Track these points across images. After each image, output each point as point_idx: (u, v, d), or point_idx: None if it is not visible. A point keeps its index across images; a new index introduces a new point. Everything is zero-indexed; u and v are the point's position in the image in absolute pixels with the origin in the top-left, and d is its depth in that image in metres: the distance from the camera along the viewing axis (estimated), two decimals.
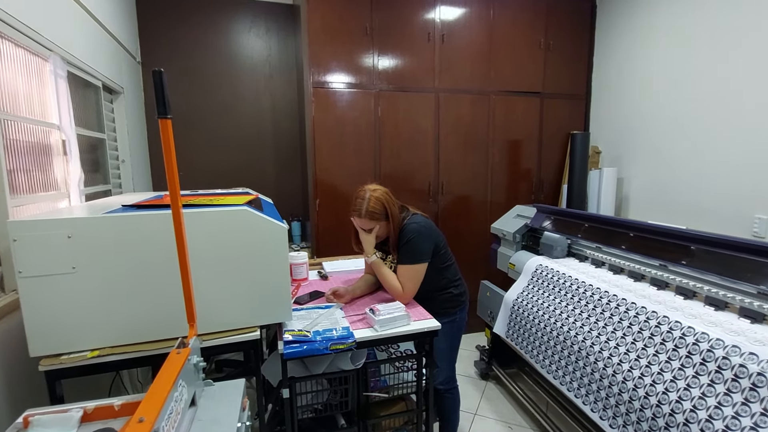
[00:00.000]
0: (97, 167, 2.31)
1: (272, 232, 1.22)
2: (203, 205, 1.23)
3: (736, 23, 2.22)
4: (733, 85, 2.25)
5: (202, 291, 1.15)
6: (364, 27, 2.76)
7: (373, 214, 1.55)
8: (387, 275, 1.59)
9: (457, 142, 3.05)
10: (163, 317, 1.16)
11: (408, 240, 1.57)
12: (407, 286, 1.57)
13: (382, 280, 1.62)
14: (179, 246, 0.95)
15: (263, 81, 3.23)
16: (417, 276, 1.57)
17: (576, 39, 3.25)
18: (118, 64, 2.52)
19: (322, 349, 1.18)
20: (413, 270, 1.57)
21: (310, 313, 1.42)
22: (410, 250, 1.57)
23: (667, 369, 1.31)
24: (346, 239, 2.88)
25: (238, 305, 1.21)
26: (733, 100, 2.24)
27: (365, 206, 1.55)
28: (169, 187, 0.91)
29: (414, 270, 1.57)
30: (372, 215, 1.55)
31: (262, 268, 1.22)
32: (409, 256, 1.57)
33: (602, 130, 3.22)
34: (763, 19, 2.09)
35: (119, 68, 2.52)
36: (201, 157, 3.15)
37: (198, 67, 3.09)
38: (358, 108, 2.82)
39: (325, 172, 2.80)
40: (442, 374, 1.72)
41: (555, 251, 2.16)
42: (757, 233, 2.08)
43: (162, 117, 0.84)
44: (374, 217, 1.55)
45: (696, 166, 2.47)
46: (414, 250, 1.57)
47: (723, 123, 2.31)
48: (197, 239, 1.15)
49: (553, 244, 2.18)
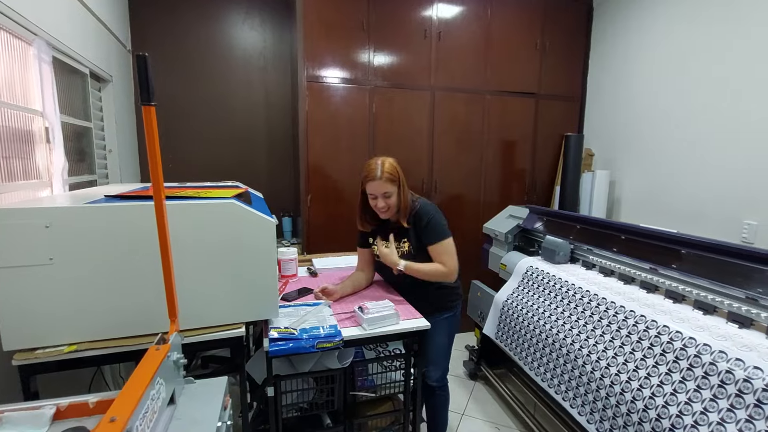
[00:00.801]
0: (83, 156, 2.25)
1: (260, 226, 1.19)
2: (189, 198, 1.20)
3: (731, 28, 2.23)
4: (727, 90, 2.26)
5: (185, 285, 1.11)
6: (361, 22, 2.73)
7: (391, 177, 1.51)
8: (423, 267, 1.55)
9: (451, 140, 3.03)
10: (145, 311, 1.12)
11: (429, 220, 1.56)
12: (449, 262, 1.56)
13: (423, 275, 1.56)
14: (161, 239, 0.92)
15: (257, 74, 3.19)
16: (452, 250, 1.58)
17: (572, 41, 3.24)
18: (107, 51, 2.46)
19: (308, 348, 1.15)
20: (447, 245, 1.56)
21: (298, 310, 1.40)
22: (435, 227, 1.56)
23: (654, 373, 1.31)
24: (338, 236, 2.88)
25: (222, 301, 1.18)
26: (727, 105, 2.25)
27: (381, 169, 1.50)
28: (151, 178, 0.88)
29: (448, 244, 1.57)
30: (389, 178, 1.50)
31: (249, 263, 1.19)
32: (437, 234, 1.56)
33: (596, 133, 3.23)
34: (757, 25, 2.10)
35: (108, 56, 2.46)
36: (191, 149, 3.10)
37: (190, 57, 3.03)
38: (353, 104, 2.79)
39: (317, 167, 2.76)
40: (438, 371, 1.70)
41: (557, 256, 2.04)
42: (747, 238, 2.09)
43: (145, 104, 0.81)
44: (391, 180, 1.51)
45: (688, 171, 2.48)
46: (439, 226, 1.57)
47: (716, 128, 2.32)
48: (182, 232, 1.11)
49: (555, 248, 2.05)
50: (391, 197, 1.52)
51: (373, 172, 1.51)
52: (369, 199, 1.55)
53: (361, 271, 1.76)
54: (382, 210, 1.54)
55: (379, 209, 1.54)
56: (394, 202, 1.54)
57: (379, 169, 1.51)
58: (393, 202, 1.53)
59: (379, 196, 1.51)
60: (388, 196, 1.52)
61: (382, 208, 1.54)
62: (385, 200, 1.52)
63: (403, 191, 1.55)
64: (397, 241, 1.62)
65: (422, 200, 1.64)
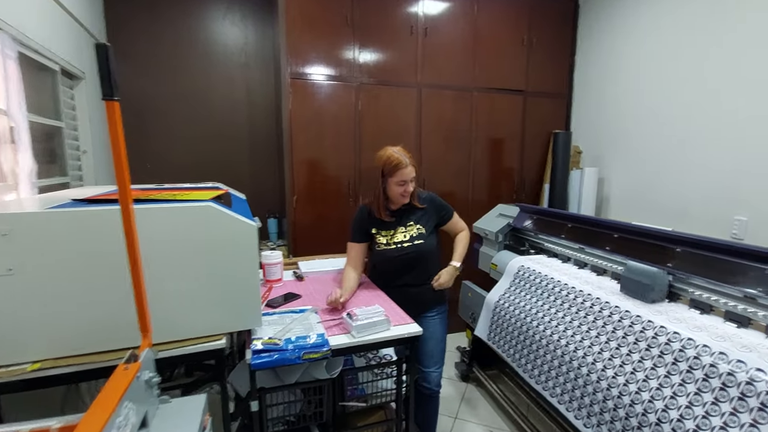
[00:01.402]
0: (54, 158, 2.14)
1: (240, 230, 1.11)
2: (164, 201, 1.12)
3: (718, 25, 2.22)
4: (714, 87, 2.25)
5: (160, 296, 1.04)
6: (345, 17, 2.66)
7: (413, 162, 1.65)
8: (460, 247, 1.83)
9: (439, 138, 2.98)
10: (117, 325, 1.04)
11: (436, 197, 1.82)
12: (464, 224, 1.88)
13: (465, 250, 1.83)
14: (129, 247, 0.84)
15: (239, 71, 3.09)
16: None
17: (558, 37, 3.23)
18: (80, 47, 2.34)
19: (293, 359, 1.09)
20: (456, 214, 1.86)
21: (283, 317, 1.32)
22: (446, 205, 1.84)
23: (652, 376, 1.28)
24: (325, 237, 2.80)
25: (201, 311, 1.11)
26: (714, 101, 2.25)
27: (405, 156, 1.63)
28: (117, 179, 0.80)
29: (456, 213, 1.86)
30: (413, 163, 1.65)
31: (229, 270, 1.12)
32: (449, 208, 1.84)
33: (583, 130, 3.22)
34: (743, 22, 2.09)
35: (80, 52, 2.34)
36: (171, 149, 2.99)
37: (169, 53, 2.92)
38: (338, 101, 2.72)
39: (302, 166, 2.69)
40: (439, 370, 1.73)
41: (652, 292, 1.44)
42: (736, 234, 2.09)
43: (108, 99, 0.73)
44: (413, 165, 1.65)
45: (676, 168, 2.48)
46: (447, 204, 1.84)
47: (704, 124, 2.31)
48: (156, 238, 1.03)
49: (649, 281, 1.44)
50: (413, 181, 1.66)
51: (401, 160, 1.62)
52: (395, 186, 1.64)
53: (355, 270, 1.72)
54: (408, 194, 1.67)
55: (408, 193, 1.66)
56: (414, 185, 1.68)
57: (405, 156, 1.63)
58: (414, 186, 1.68)
59: (409, 181, 1.63)
60: (413, 180, 1.66)
61: (409, 192, 1.67)
62: (412, 184, 1.65)
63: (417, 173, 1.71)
64: (404, 226, 1.73)
65: None
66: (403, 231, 1.72)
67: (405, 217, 1.74)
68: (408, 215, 1.74)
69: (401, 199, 1.68)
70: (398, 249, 1.70)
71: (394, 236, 1.71)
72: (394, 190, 1.65)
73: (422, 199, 1.77)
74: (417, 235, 1.71)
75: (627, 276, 1.54)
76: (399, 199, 1.69)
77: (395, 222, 1.73)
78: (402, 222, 1.73)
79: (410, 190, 1.66)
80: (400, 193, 1.65)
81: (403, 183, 1.63)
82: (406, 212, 1.75)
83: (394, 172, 1.62)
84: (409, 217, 1.74)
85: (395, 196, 1.67)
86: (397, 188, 1.64)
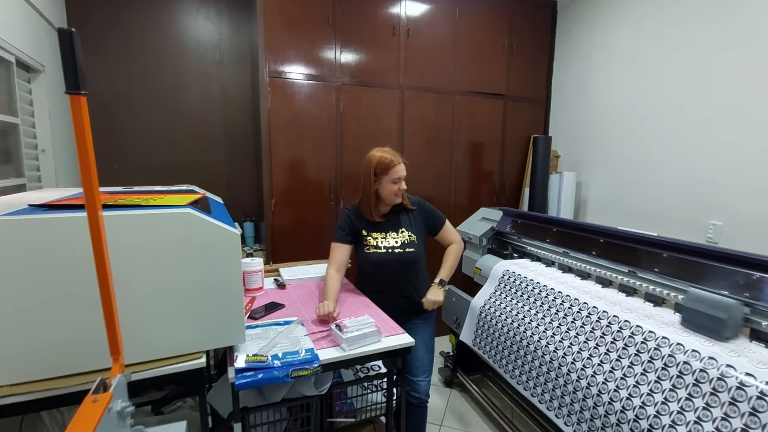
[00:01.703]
0: (9, 157, 1.96)
1: (222, 238, 1.03)
2: (137, 206, 1.02)
3: (693, 30, 2.29)
4: (689, 93, 2.32)
5: (133, 311, 0.94)
6: (326, 16, 2.58)
7: (404, 160, 1.67)
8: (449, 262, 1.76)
9: (421, 141, 2.95)
10: (84, 345, 0.93)
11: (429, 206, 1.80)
12: (457, 236, 1.83)
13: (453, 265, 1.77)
14: (97, 258, 0.75)
15: (213, 68, 2.95)
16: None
17: (537, 43, 3.27)
18: (38, 37, 2.16)
19: (281, 378, 1.01)
20: (449, 222, 1.82)
21: (267, 330, 1.24)
22: (437, 211, 1.81)
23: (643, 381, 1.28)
24: (304, 241, 2.71)
25: (179, 327, 1.01)
26: (690, 107, 2.32)
27: (397, 155, 1.66)
28: (83, 182, 0.71)
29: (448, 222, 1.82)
30: (404, 161, 1.67)
31: (210, 282, 1.03)
32: (441, 215, 1.81)
33: (561, 135, 3.27)
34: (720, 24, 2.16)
35: (39, 43, 2.17)
36: (140, 149, 2.82)
37: (137, 47, 2.75)
38: (318, 101, 2.64)
39: (281, 168, 2.59)
40: (427, 378, 1.68)
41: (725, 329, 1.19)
42: (711, 239, 2.15)
43: (72, 92, 0.64)
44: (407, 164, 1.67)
45: (652, 172, 2.54)
46: (438, 210, 1.82)
47: (679, 130, 2.38)
48: (128, 248, 0.94)
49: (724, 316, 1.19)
50: (404, 180, 1.67)
51: (394, 158, 1.64)
52: (390, 185, 1.64)
53: (338, 273, 1.65)
54: (401, 192, 1.67)
55: (401, 191, 1.67)
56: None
57: (397, 155, 1.66)
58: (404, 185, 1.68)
59: (402, 178, 1.65)
60: (405, 178, 1.66)
61: (402, 190, 1.67)
62: (404, 183, 1.66)
63: None
64: (395, 231, 1.71)
65: None
66: (394, 236, 1.70)
67: (397, 221, 1.73)
68: (399, 219, 1.73)
69: (394, 198, 1.67)
70: (388, 253, 1.66)
71: (385, 240, 1.68)
72: (388, 188, 1.64)
73: (412, 202, 1.76)
74: (408, 242, 1.69)
75: (693, 308, 1.25)
76: (392, 199, 1.67)
77: (387, 225, 1.71)
78: (394, 227, 1.72)
79: (403, 188, 1.66)
80: (394, 192, 1.64)
81: (397, 180, 1.63)
82: (397, 216, 1.74)
83: (389, 170, 1.62)
84: (401, 222, 1.73)
85: (389, 195, 1.66)
86: (391, 186, 1.64)
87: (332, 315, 1.37)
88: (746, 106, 2.04)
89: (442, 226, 1.79)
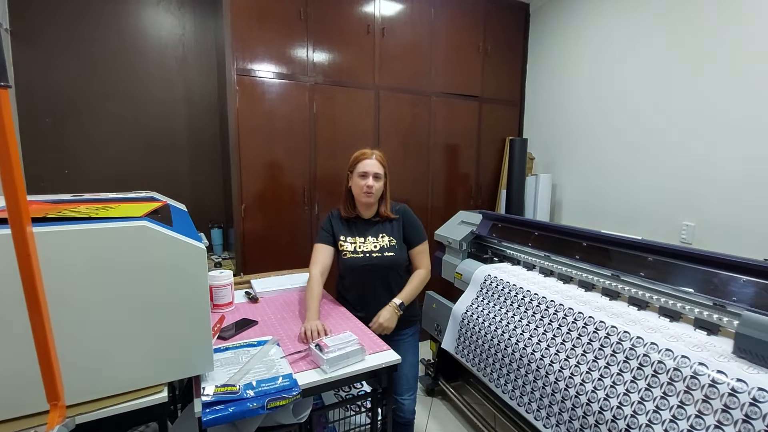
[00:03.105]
0: None
1: (185, 254, 0.90)
2: (83, 219, 0.88)
3: (665, 32, 2.33)
4: (660, 95, 2.36)
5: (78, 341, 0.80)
6: (298, 11, 2.46)
7: (381, 161, 1.58)
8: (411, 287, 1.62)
9: (397, 143, 2.88)
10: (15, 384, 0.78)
11: (415, 219, 1.68)
12: (426, 262, 1.69)
13: (415, 291, 1.64)
14: (27, 284, 0.62)
15: (175, 65, 2.76)
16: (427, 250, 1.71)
17: (511, 45, 3.27)
18: None
19: (256, 410, 0.89)
20: (426, 245, 1.69)
21: (238, 353, 1.12)
22: (420, 227, 1.69)
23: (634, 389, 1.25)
24: (277, 249, 2.57)
25: (134, 357, 0.88)
26: (661, 109, 2.36)
27: (373, 152, 1.58)
28: (4, 191, 0.58)
29: (426, 245, 1.69)
30: (380, 161, 1.58)
31: (171, 304, 0.90)
32: (422, 234, 1.69)
33: (536, 137, 3.28)
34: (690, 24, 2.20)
35: None
36: (95, 153, 2.58)
37: (89, 42, 2.53)
38: (291, 101, 2.51)
39: (251, 172, 2.44)
40: (412, 396, 1.61)
41: None
42: (685, 239, 2.19)
43: None
44: (381, 164, 1.58)
45: (625, 174, 2.58)
46: (422, 227, 1.70)
47: (651, 131, 2.42)
48: (69, 269, 0.80)
49: None
50: (379, 181, 1.56)
51: (366, 153, 1.58)
52: (357, 179, 1.55)
53: (321, 276, 1.56)
54: (370, 190, 1.54)
55: (369, 188, 1.54)
56: (380, 187, 1.58)
57: (372, 152, 1.59)
58: (380, 186, 1.58)
59: (370, 174, 1.54)
60: (377, 178, 1.56)
61: (370, 188, 1.54)
62: (375, 180, 1.55)
63: (388, 182, 1.62)
64: (375, 237, 1.62)
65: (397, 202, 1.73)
66: (373, 241, 1.62)
67: (379, 227, 1.65)
68: (382, 226, 1.66)
69: (364, 198, 1.56)
70: (365, 258, 1.57)
71: (363, 244, 1.59)
72: (356, 185, 1.55)
73: (395, 210, 1.67)
74: (388, 247, 1.61)
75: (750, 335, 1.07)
76: (362, 197, 1.56)
77: (367, 230, 1.64)
78: (375, 232, 1.64)
79: (373, 186, 1.54)
80: (362, 189, 1.54)
81: (364, 175, 1.54)
82: (380, 223, 1.66)
83: (356, 164, 1.56)
84: (383, 228, 1.65)
85: (358, 194, 1.56)
86: (359, 181, 1.54)
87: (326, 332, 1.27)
88: (717, 109, 2.09)
89: (419, 244, 1.68)
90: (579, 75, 2.89)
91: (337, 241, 1.61)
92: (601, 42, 2.71)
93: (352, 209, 1.64)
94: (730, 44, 2.02)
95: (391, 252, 1.59)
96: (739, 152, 2.00)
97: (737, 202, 2.00)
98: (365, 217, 1.65)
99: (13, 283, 0.71)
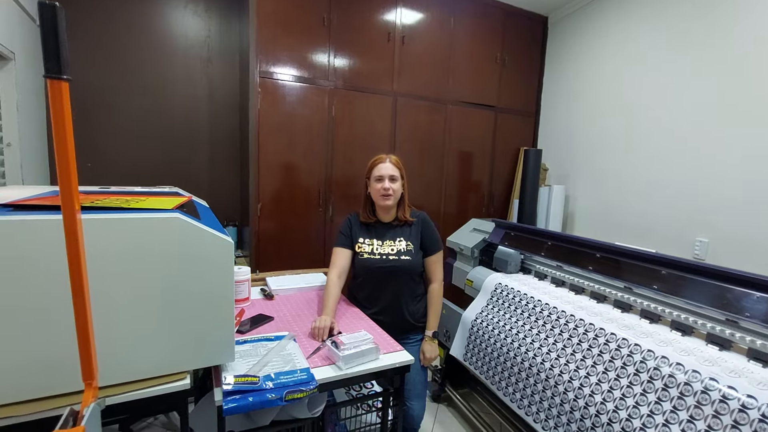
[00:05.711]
0: None
1: (215, 247, 0.94)
2: (117, 209, 0.92)
3: (680, 51, 2.34)
4: (677, 114, 2.36)
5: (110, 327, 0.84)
6: (322, 18, 2.52)
7: (397, 164, 1.62)
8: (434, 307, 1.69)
9: (413, 149, 2.91)
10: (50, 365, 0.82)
11: (434, 228, 1.70)
12: (441, 273, 1.72)
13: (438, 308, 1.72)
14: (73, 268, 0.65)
15: (200, 65, 2.84)
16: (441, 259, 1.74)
17: (528, 56, 3.30)
18: (10, 23, 2.02)
19: (275, 401, 0.92)
20: (441, 255, 1.72)
21: (256, 347, 1.15)
22: (438, 236, 1.71)
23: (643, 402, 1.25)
24: (291, 248, 2.61)
25: (161, 345, 0.91)
26: (676, 124, 2.36)
27: (389, 156, 1.61)
28: (60, 180, 0.62)
29: (441, 255, 1.72)
30: (396, 164, 1.61)
31: (199, 294, 0.93)
32: (439, 243, 1.71)
33: (550, 148, 3.29)
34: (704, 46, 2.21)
35: (10, 30, 2.02)
36: (118, 147, 2.66)
37: (120, 40, 2.62)
38: (310, 105, 2.57)
39: (269, 172, 2.49)
40: (421, 403, 1.61)
41: (509, 266, 2.11)
42: (698, 255, 2.18)
43: (53, 77, 0.55)
44: (397, 167, 1.61)
45: (639, 188, 2.57)
46: (438, 236, 1.72)
47: (666, 147, 2.42)
48: (105, 256, 0.84)
49: (507, 259, 2.13)
50: (396, 182, 1.59)
51: (382, 158, 1.62)
52: (374, 183, 1.60)
53: (339, 279, 1.59)
54: (387, 193, 1.58)
55: (385, 190, 1.58)
56: (398, 188, 1.60)
57: (387, 156, 1.62)
58: (397, 188, 1.60)
59: (386, 177, 1.57)
60: (393, 180, 1.59)
61: (387, 190, 1.57)
62: (391, 183, 1.58)
63: (406, 184, 1.65)
64: (393, 240, 1.65)
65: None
66: (391, 244, 1.64)
67: (397, 231, 1.68)
68: (400, 230, 1.68)
69: (383, 201, 1.60)
70: (382, 260, 1.60)
71: (381, 247, 1.62)
72: (374, 189, 1.60)
73: (421, 217, 1.71)
74: (405, 251, 1.63)
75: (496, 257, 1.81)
76: (380, 201, 1.61)
77: (386, 234, 1.67)
78: (392, 236, 1.67)
79: (390, 188, 1.58)
80: (379, 192, 1.58)
81: (380, 179, 1.58)
82: (399, 227, 1.69)
83: (372, 168, 1.61)
84: (401, 233, 1.68)
85: (376, 197, 1.61)
86: (376, 185, 1.59)
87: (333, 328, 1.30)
88: (734, 127, 2.09)
89: (435, 253, 1.70)
90: (596, 90, 2.90)
91: (354, 244, 1.65)
92: (618, 57, 2.72)
93: (371, 214, 1.68)
94: (744, 61, 2.02)
95: (407, 256, 1.62)
96: (754, 171, 1.99)
97: (752, 220, 1.99)
98: (384, 221, 1.68)
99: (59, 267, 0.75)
